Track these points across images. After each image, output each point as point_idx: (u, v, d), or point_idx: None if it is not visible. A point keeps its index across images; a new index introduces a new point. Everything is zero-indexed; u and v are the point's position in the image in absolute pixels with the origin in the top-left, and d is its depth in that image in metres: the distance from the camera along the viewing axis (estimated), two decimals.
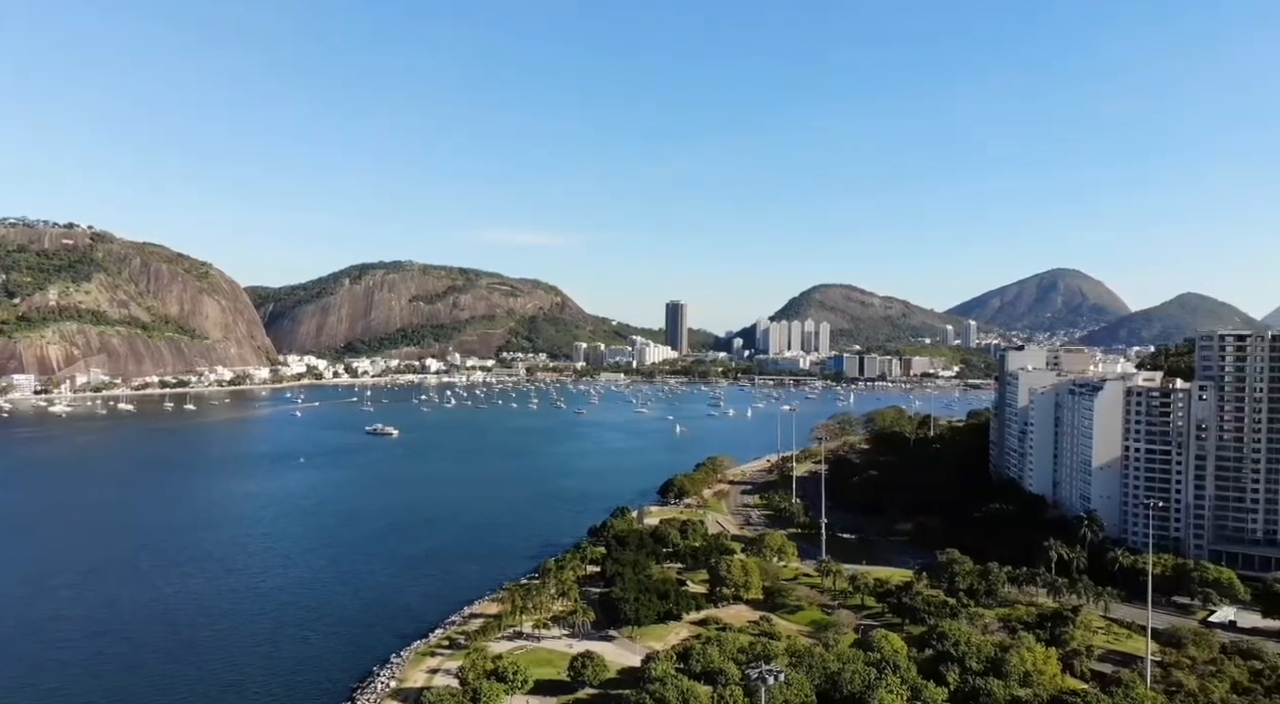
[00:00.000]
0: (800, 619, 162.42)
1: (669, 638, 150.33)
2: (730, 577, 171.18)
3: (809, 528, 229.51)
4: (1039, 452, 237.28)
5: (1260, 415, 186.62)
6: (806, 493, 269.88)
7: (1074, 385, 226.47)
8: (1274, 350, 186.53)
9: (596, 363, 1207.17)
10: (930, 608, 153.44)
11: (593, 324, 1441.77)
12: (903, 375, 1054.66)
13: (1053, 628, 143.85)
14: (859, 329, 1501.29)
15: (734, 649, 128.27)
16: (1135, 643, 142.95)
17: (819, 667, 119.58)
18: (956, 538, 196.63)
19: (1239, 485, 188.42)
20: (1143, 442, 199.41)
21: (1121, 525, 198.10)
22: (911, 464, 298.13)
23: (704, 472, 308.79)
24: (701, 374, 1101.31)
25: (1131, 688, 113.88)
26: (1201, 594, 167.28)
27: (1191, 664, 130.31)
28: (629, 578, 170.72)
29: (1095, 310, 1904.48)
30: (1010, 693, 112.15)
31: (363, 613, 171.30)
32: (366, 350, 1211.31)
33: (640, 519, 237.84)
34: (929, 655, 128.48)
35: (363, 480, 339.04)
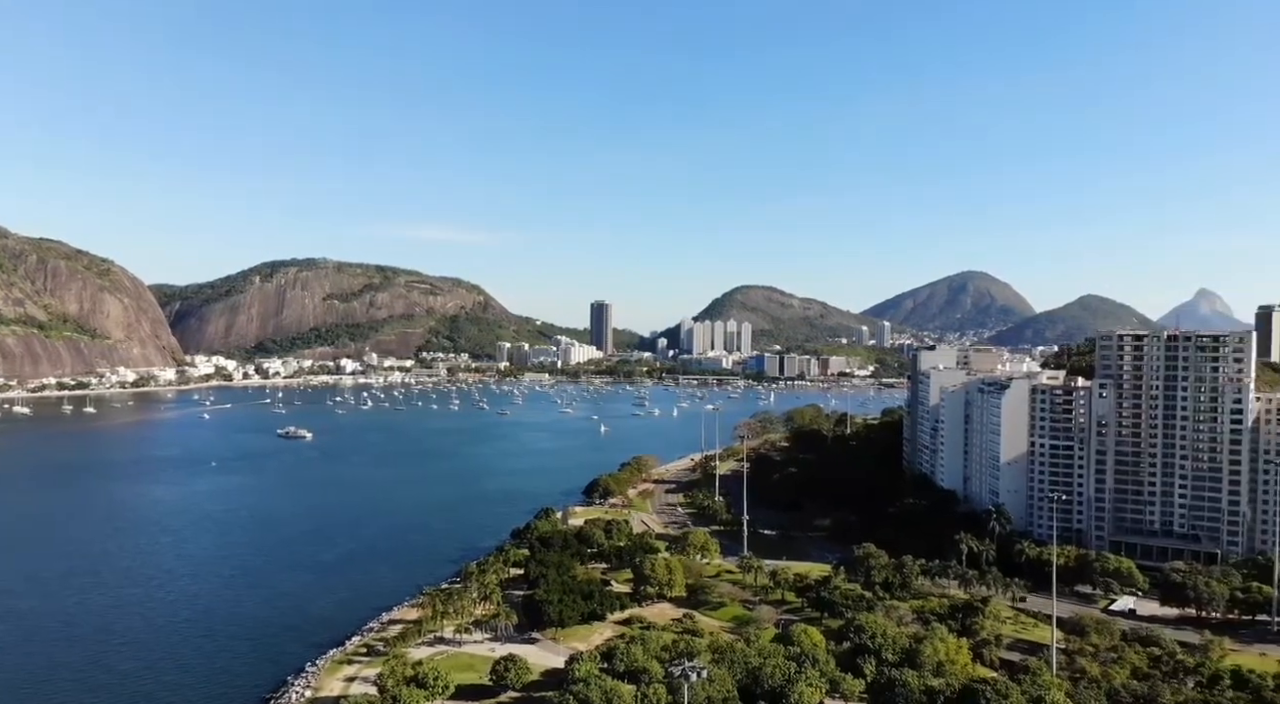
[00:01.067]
0: (723, 615, 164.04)
1: (593, 638, 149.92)
2: (654, 575, 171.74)
3: (732, 525, 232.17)
4: (950, 448, 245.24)
5: (1156, 412, 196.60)
6: (729, 490, 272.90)
7: (983, 384, 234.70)
8: (1169, 350, 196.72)
9: (520, 363, 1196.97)
10: (848, 601, 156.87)
11: (516, 324, 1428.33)
12: (821, 375, 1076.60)
13: (964, 619, 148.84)
14: (779, 329, 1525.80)
15: (658, 647, 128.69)
16: (1041, 632, 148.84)
17: (741, 662, 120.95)
18: (873, 532, 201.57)
19: (1137, 479, 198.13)
20: (1047, 438, 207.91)
21: (1028, 518, 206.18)
22: (829, 461, 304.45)
23: (629, 471, 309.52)
24: (627, 374, 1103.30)
25: (1038, 676, 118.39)
26: (1103, 584, 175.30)
27: (1094, 651, 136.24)
28: (553, 579, 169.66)
29: (1003, 311, 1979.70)
30: (924, 683, 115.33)
31: (276, 621, 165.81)
32: (278, 351, 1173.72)
33: (565, 520, 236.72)
34: (847, 648, 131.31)
35: (275, 485, 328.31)
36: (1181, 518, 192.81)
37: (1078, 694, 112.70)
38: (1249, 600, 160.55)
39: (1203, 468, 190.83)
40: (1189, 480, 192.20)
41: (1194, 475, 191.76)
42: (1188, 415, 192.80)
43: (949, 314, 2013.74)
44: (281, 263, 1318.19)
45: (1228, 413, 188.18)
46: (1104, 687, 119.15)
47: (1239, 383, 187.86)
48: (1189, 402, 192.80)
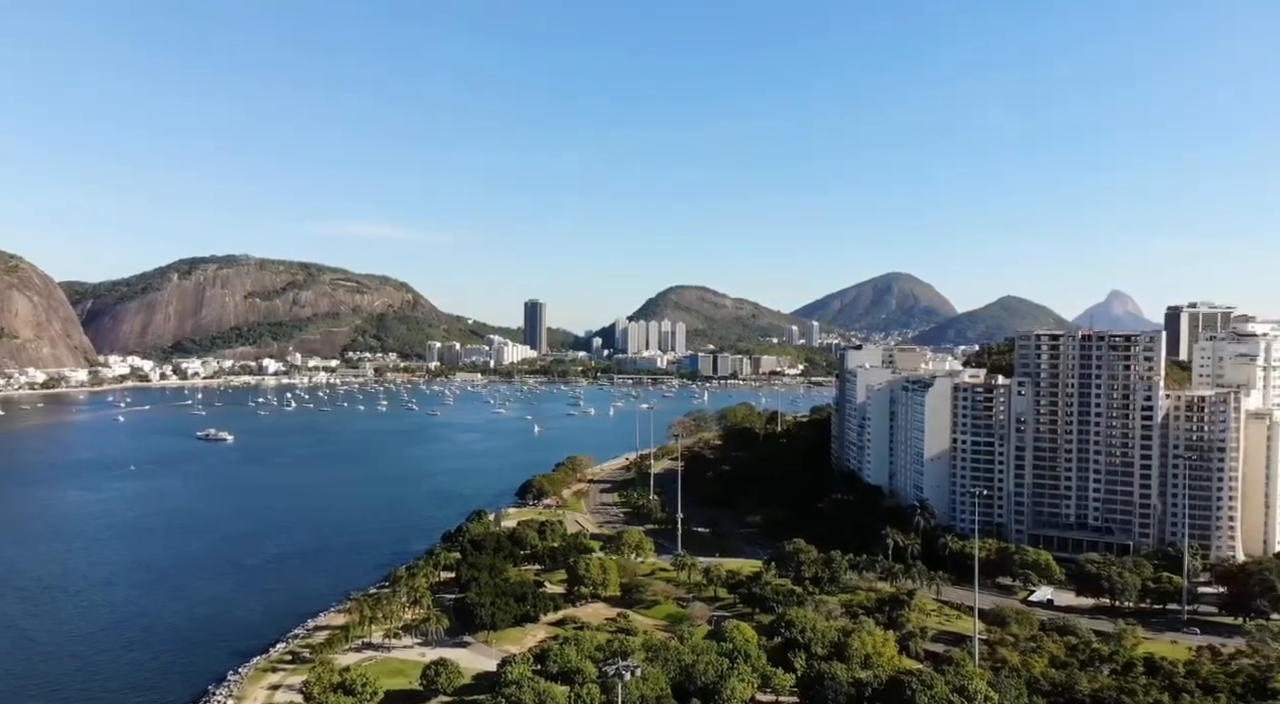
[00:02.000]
0: (657, 614, 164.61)
1: (526, 640, 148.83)
2: (589, 576, 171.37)
3: (666, 523, 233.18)
4: (876, 445, 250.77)
5: (1072, 409, 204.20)
6: (664, 489, 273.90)
7: (907, 382, 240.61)
8: (1083, 349, 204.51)
9: (452, 363, 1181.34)
10: (778, 597, 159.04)
11: (447, 323, 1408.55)
12: (753, 373, 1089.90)
13: (890, 611, 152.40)
14: (713, 329, 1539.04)
15: (591, 647, 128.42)
16: (964, 623, 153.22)
17: (674, 660, 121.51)
18: (803, 528, 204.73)
19: (1054, 474, 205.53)
20: (969, 434, 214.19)
21: (951, 513, 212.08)
22: (761, 459, 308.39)
23: (563, 471, 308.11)
24: (561, 373, 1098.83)
25: (961, 666, 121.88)
26: (1022, 575, 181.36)
27: (1014, 641, 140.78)
28: (485, 582, 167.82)
29: (926, 312, 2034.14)
30: (853, 676, 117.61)
31: (197, 630, 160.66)
32: (197, 350, 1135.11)
33: (497, 522, 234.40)
34: (778, 643, 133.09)
35: (195, 489, 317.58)
36: (1096, 511, 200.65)
37: (999, 684, 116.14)
38: (1160, 590, 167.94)
39: (1115, 463, 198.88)
40: (1103, 475, 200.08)
41: (1107, 470, 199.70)
42: (1101, 412, 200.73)
43: (875, 314, 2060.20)
44: (201, 259, 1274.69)
45: (1139, 409, 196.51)
46: (1024, 676, 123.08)
47: (1149, 381, 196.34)
48: (1102, 399, 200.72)
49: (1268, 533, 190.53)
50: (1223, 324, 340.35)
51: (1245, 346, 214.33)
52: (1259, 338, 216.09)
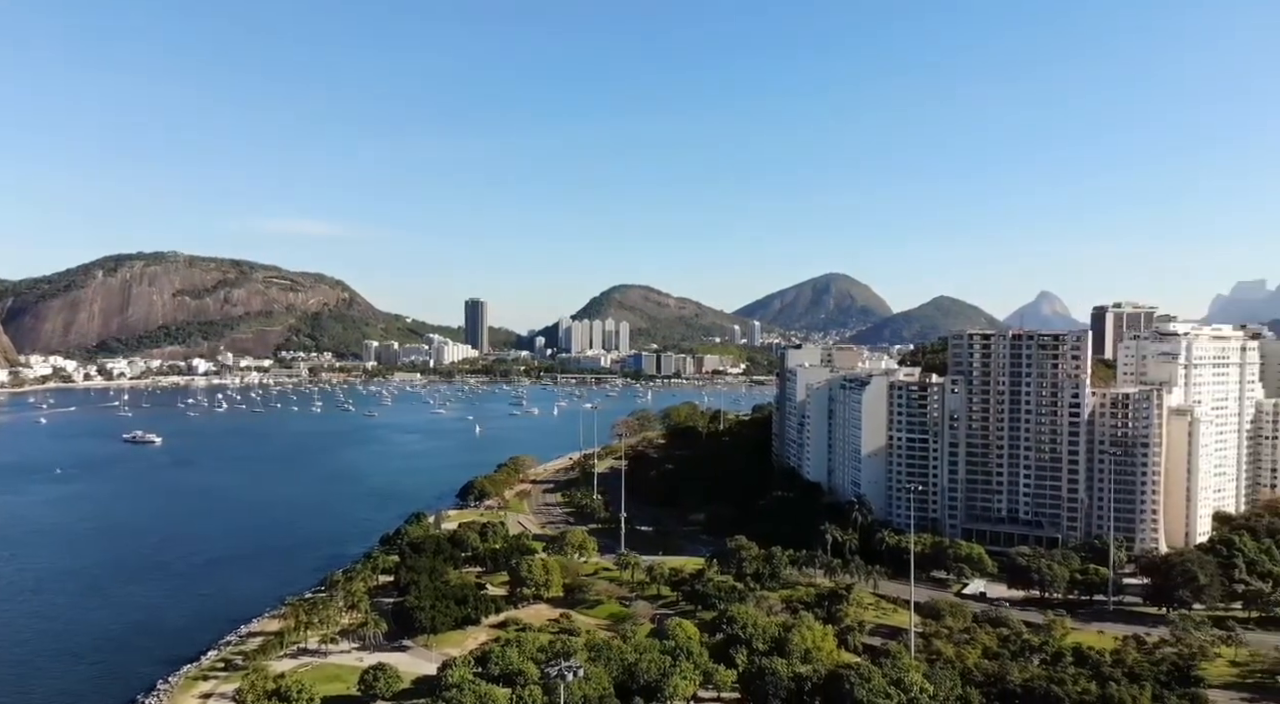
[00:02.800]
0: (600, 613, 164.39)
1: (467, 643, 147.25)
2: (531, 577, 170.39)
3: (609, 523, 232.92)
4: (815, 442, 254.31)
5: (1003, 406, 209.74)
6: (608, 488, 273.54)
7: (845, 381, 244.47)
8: (1014, 348, 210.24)
9: (389, 362, 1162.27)
10: (720, 593, 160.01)
11: (385, 321, 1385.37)
12: (696, 373, 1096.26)
13: (829, 606, 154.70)
14: (656, 328, 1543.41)
15: (534, 649, 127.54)
16: (901, 616, 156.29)
17: (617, 659, 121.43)
18: (744, 525, 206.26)
19: (986, 469, 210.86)
20: (904, 431, 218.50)
21: (888, 508, 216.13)
22: (704, 457, 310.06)
23: (505, 472, 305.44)
24: (503, 373, 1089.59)
25: (898, 659, 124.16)
26: (956, 569, 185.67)
27: (949, 633, 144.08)
28: (424, 585, 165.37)
29: (863, 312, 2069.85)
30: (793, 670, 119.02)
31: (126, 638, 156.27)
32: (124, 350, 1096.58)
33: (437, 524, 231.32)
34: (720, 639, 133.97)
35: (123, 493, 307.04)
36: (1026, 505, 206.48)
37: (934, 675, 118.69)
38: (1087, 581, 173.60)
39: (1045, 458, 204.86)
40: (1032, 470, 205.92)
41: (1037, 465, 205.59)
42: (1031, 409, 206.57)
43: (814, 314, 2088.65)
44: (127, 256, 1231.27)
45: (1066, 407, 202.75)
46: (958, 667, 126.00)
47: (1076, 379, 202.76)
48: (1032, 396, 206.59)
49: (1189, 525, 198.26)
50: (1146, 324, 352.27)
51: (1167, 346, 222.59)
52: (1180, 337, 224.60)
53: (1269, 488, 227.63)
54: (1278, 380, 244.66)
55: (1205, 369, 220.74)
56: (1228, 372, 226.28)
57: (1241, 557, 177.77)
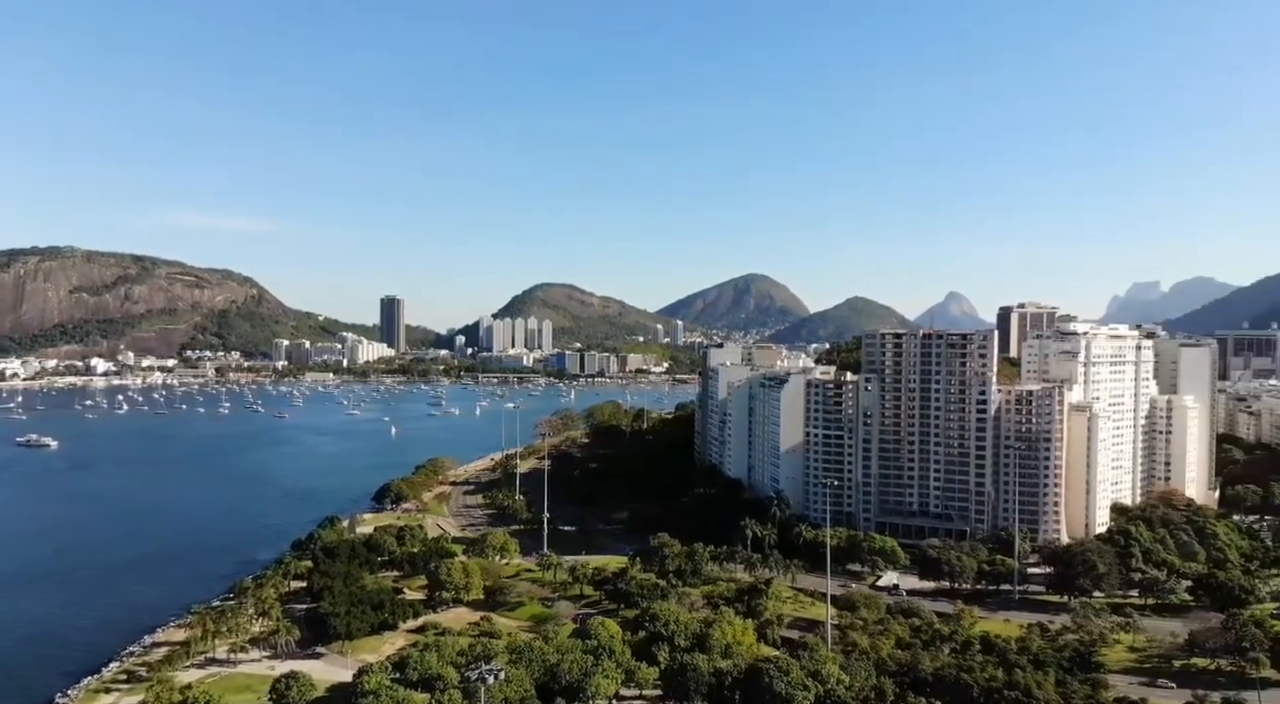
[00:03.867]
0: (522, 615, 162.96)
1: (384, 649, 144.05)
2: (450, 580, 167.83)
3: (532, 523, 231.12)
4: (736, 439, 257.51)
5: (914, 403, 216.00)
6: (530, 489, 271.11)
7: (764, 379, 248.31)
8: (924, 347, 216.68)
9: (301, 362, 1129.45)
10: (643, 591, 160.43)
11: (296, 319, 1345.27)
12: (620, 371, 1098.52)
13: (749, 601, 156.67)
14: (580, 327, 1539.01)
15: (453, 653, 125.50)
16: (818, 609, 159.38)
17: (539, 660, 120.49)
18: (667, 523, 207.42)
19: (898, 465, 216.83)
20: (820, 428, 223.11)
21: (805, 503, 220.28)
22: (628, 455, 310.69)
23: (424, 474, 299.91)
24: (422, 372, 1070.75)
25: (815, 651, 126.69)
26: (870, 561, 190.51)
27: (864, 625, 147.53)
28: (339, 591, 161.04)
29: (782, 311, 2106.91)
30: (714, 665, 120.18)
31: (21, 651, 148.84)
32: (17, 349, 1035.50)
33: (352, 528, 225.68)
34: (642, 637, 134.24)
35: (15, 498, 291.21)
36: (936, 499, 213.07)
37: (850, 666, 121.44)
38: (994, 572, 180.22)
39: (953, 453, 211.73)
40: (942, 465, 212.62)
41: (946, 460, 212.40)
42: (940, 406, 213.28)
43: (735, 314, 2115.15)
44: (20, 251, 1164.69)
45: (974, 403, 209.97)
46: (873, 658, 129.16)
47: (983, 376, 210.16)
48: (941, 394, 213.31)
49: (1089, 516, 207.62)
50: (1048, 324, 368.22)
51: (1068, 345, 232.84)
52: (1080, 336, 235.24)
53: (1163, 480, 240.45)
54: (1170, 378, 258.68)
55: (1103, 367, 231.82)
56: (1124, 369, 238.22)
57: (1138, 546, 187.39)
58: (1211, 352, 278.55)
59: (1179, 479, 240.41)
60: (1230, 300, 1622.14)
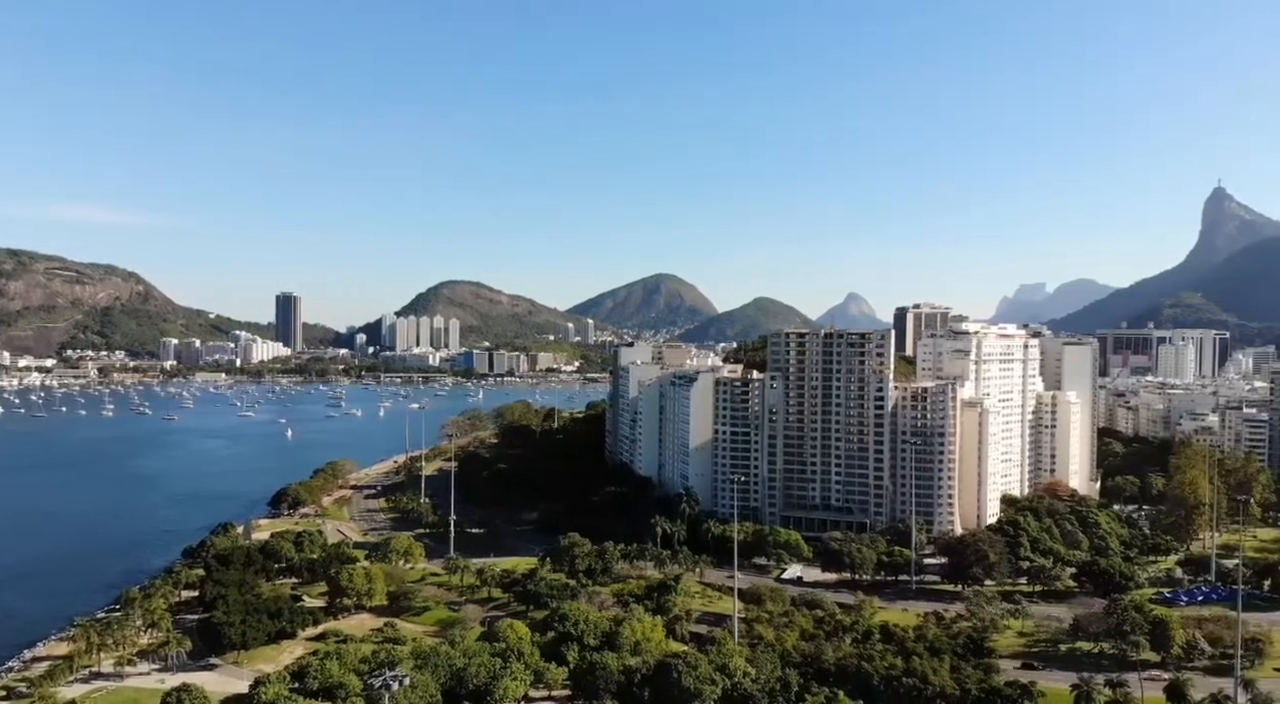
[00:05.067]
0: (427, 620, 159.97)
1: (282, 658, 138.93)
2: (352, 586, 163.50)
3: (438, 526, 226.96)
4: (647, 437, 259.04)
5: (816, 400, 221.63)
6: (437, 491, 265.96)
7: (674, 378, 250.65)
8: (826, 346, 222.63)
9: (191, 361, 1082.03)
10: (553, 592, 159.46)
11: (185, 317, 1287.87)
12: (530, 371, 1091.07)
13: (658, 597, 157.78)
14: (488, 326, 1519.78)
15: (356, 660, 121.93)
16: (725, 603, 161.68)
17: (445, 665, 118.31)
18: (578, 522, 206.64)
19: (801, 460, 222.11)
20: (728, 425, 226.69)
21: (714, 499, 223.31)
22: (538, 455, 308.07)
23: (323, 478, 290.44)
24: (320, 372, 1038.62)
25: (722, 645, 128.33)
26: (776, 555, 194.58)
27: (769, 617, 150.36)
28: (233, 599, 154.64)
29: (691, 311, 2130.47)
30: (623, 663, 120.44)
31: None
32: None
33: (247, 534, 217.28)
34: (551, 638, 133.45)
35: None
36: (838, 493, 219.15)
37: (755, 659, 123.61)
38: (892, 563, 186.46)
39: (854, 448, 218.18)
40: (843, 459, 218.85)
41: (847, 455, 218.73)
42: (841, 403, 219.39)
43: (645, 313, 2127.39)
44: None
45: (872, 400, 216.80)
46: (778, 650, 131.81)
47: (881, 374, 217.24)
48: (842, 391, 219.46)
49: (980, 508, 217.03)
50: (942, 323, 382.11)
51: (960, 343, 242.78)
52: (971, 336, 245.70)
53: (1049, 472, 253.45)
54: (1055, 375, 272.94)
55: (993, 365, 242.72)
56: (1012, 367, 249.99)
57: (1026, 536, 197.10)
58: (1092, 350, 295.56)
59: (1063, 471, 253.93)
60: (1109, 301, 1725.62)
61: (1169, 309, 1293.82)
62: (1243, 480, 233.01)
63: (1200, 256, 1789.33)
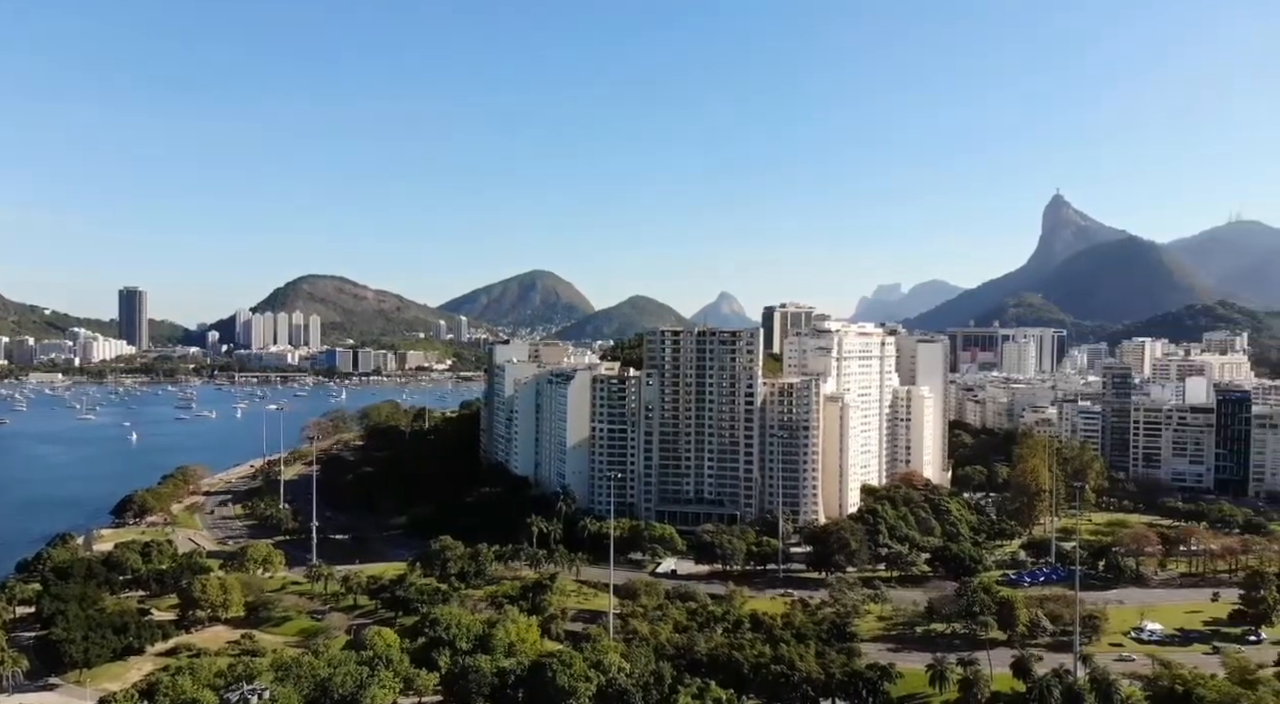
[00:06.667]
0: (288, 630, 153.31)
1: (130, 675, 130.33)
2: (205, 597, 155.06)
3: (299, 533, 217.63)
4: (523, 436, 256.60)
5: (690, 396, 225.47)
6: (297, 496, 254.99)
7: (551, 376, 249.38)
8: (699, 344, 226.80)
9: (24, 361, 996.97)
10: (423, 597, 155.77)
11: (18, 313, 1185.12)
12: (398, 369, 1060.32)
13: (534, 597, 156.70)
14: (352, 323, 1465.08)
15: (211, 674, 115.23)
16: (601, 600, 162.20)
17: (309, 675, 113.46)
18: (450, 524, 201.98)
19: (675, 455, 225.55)
20: (605, 422, 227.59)
21: (591, 496, 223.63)
22: (407, 457, 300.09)
23: (172, 484, 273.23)
24: (169, 372, 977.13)
25: (598, 641, 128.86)
26: (651, 550, 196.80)
27: (644, 612, 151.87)
28: (74, 614, 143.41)
29: (567, 308, 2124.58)
30: (496, 665, 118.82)
31: None
32: None
33: (89, 545, 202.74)
34: (422, 643, 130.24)
35: None
36: (710, 486, 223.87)
37: (630, 654, 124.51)
38: (761, 553, 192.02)
39: (725, 443, 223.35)
40: (715, 454, 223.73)
41: (719, 449, 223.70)
42: (714, 399, 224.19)
43: (521, 310, 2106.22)
44: None
45: (742, 396, 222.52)
46: (652, 643, 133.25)
47: (750, 371, 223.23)
48: (714, 387, 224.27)
49: (842, 498, 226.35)
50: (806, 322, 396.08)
51: (823, 341, 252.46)
52: (833, 334, 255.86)
53: (904, 463, 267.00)
54: (909, 370, 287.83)
55: (853, 361, 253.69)
56: (871, 363, 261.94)
57: (884, 523, 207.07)
58: (943, 347, 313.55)
59: (918, 462, 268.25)
60: (959, 301, 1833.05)
61: (1012, 308, 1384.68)
62: (1079, 468, 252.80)
63: (1040, 259, 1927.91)
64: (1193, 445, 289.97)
